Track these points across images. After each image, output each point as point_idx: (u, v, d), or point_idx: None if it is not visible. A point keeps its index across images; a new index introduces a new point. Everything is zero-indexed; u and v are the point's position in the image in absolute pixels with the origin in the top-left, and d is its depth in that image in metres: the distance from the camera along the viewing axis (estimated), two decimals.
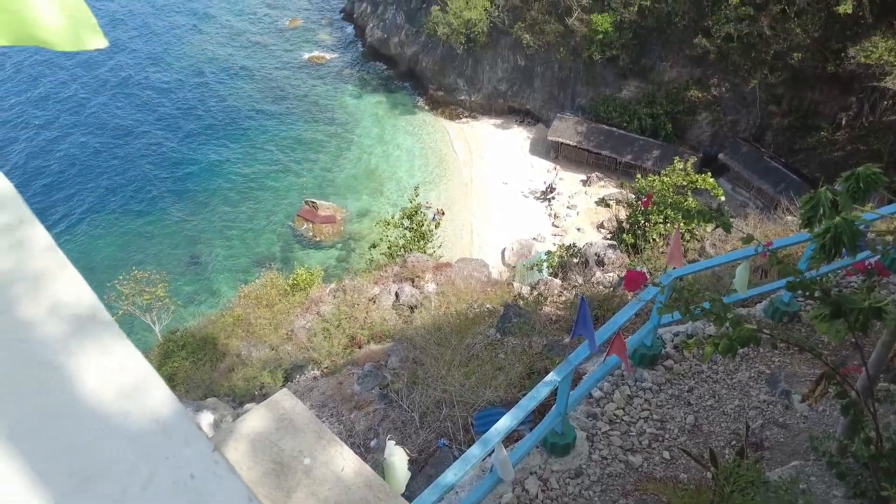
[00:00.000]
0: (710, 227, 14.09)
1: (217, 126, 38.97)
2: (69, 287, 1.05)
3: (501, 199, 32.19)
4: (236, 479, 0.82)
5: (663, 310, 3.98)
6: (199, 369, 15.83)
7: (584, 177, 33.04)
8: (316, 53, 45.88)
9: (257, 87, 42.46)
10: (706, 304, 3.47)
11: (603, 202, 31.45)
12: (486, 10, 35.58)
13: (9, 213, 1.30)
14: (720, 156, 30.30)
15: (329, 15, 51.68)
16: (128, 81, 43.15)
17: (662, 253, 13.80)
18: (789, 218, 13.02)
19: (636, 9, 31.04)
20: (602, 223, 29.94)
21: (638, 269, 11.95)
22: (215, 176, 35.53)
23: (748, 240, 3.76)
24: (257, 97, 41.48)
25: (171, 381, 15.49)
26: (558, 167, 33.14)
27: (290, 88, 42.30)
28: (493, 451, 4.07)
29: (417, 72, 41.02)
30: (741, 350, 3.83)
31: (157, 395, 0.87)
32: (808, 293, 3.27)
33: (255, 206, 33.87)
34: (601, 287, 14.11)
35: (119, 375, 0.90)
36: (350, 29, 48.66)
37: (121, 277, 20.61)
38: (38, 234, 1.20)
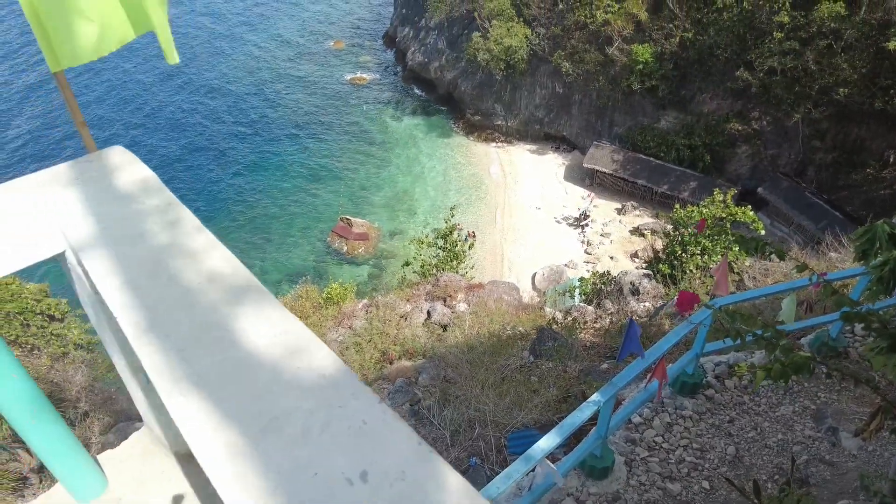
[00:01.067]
0: (748, 261, 13.85)
1: (257, 140, 40.15)
2: (224, 261, 1.19)
3: (534, 224, 32.19)
4: (404, 425, 0.92)
5: (710, 335, 3.97)
6: None
7: (619, 205, 32.84)
8: (357, 75, 47.07)
9: (299, 105, 43.69)
10: (758, 331, 3.46)
11: (637, 232, 31.16)
12: (526, 37, 36.09)
13: (159, 197, 1.48)
14: (759, 190, 29.80)
15: (371, 39, 53.11)
16: (175, 86, 44.94)
17: (702, 283, 13.61)
18: (833, 255, 12.72)
19: (677, 41, 31.10)
20: (636, 253, 29.62)
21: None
22: (253, 189, 36.49)
23: (802, 268, 3.75)
24: (298, 115, 42.66)
25: None
26: (593, 194, 33.03)
27: (331, 108, 43.41)
28: (534, 467, 4.10)
29: (456, 96, 41.66)
30: (785, 384, 3.79)
31: (321, 355, 0.99)
32: (864, 325, 3.24)
33: (292, 220, 34.61)
34: (636, 316, 13.96)
35: (283, 337, 1.02)
36: (391, 53, 49.85)
37: None
38: (187, 217, 1.37)
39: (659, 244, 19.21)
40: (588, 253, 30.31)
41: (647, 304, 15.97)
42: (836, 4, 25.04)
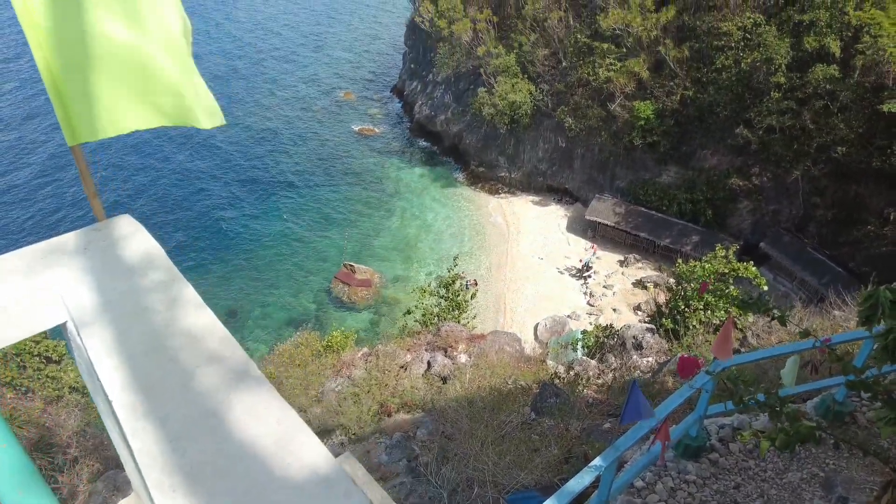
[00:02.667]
0: (751, 317, 13.75)
1: (266, 186, 40.76)
2: (222, 343, 1.19)
3: (537, 274, 32.20)
4: None
5: (713, 399, 3.92)
6: None
7: (621, 257, 32.92)
8: (366, 126, 48.22)
9: (308, 153, 44.59)
10: (760, 397, 3.41)
11: (640, 284, 31.11)
12: (530, 93, 37.10)
13: (163, 271, 1.50)
14: (761, 244, 29.91)
15: (380, 91, 54.68)
16: (184, 134, 45.96)
17: (705, 341, 13.46)
18: (838, 313, 12.63)
19: (678, 98, 31.91)
20: (639, 305, 29.48)
21: (680, 354, 11.68)
22: (259, 234, 36.81)
23: (805, 335, 3.73)
24: (307, 162, 43.48)
25: None
26: (595, 246, 33.17)
27: (339, 156, 44.27)
28: None
29: (461, 148, 42.52)
30: (791, 453, 3.71)
31: (314, 451, 0.98)
32: (870, 395, 3.19)
33: (296, 265, 34.73)
34: (639, 372, 13.76)
35: (276, 427, 1.02)
36: (399, 105, 51.23)
37: None
38: (189, 293, 1.38)
39: (662, 298, 19.14)
40: (591, 304, 30.18)
41: (650, 359, 15.78)
42: (829, 67, 25.80)
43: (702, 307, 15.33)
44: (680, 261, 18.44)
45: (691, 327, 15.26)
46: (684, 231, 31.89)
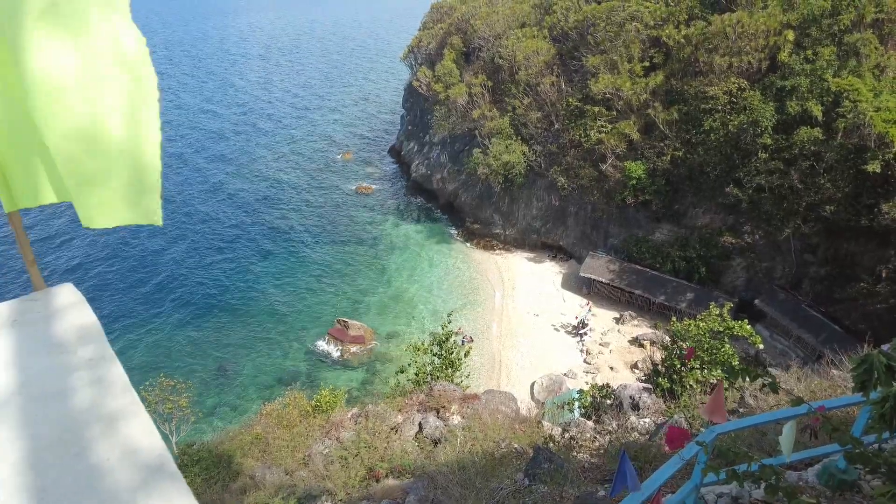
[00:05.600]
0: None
1: (261, 241, 40.89)
2: (141, 432, 1.11)
3: (532, 331, 31.89)
4: None
5: (707, 470, 3.76)
6: (210, 488, 15.15)
7: (617, 314, 32.75)
8: (364, 184, 49.02)
9: (306, 211, 45.06)
10: (754, 467, 3.27)
11: (636, 342, 30.80)
12: (524, 153, 37.96)
13: (93, 348, 1.41)
14: (756, 302, 29.85)
15: (378, 151, 55.98)
16: (180, 190, 46.45)
17: (703, 402, 13.16)
18: (836, 373, 12.43)
19: (669, 158, 32.65)
20: (636, 363, 29.08)
21: (676, 417, 11.39)
22: (253, 290, 36.60)
23: (797, 402, 3.61)
24: (305, 220, 43.87)
25: None
26: (591, 303, 33.04)
27: (337, 214, 44.73)
28: None
29: (456, 206, 43.08)
30: None
31: None
32: (869, 469, 3.06)
33: (289, 321, 34.35)
34: (636, 433, 13.36)
35: None
36: (396, 165, 52.33)
37: (147, 383, 20.61)
38: (117, 373, 1.30)
39: (658, 356, 18.89)
40: (587, 363, 29.75)
41: (647, 420, 15.36)
42: (813, 130, 26.57)
43: (698, 366, 15.09)
44: (674, 319, 18.32)
45: (688, 387, 14.97)
46: (679, 288, 31.89)
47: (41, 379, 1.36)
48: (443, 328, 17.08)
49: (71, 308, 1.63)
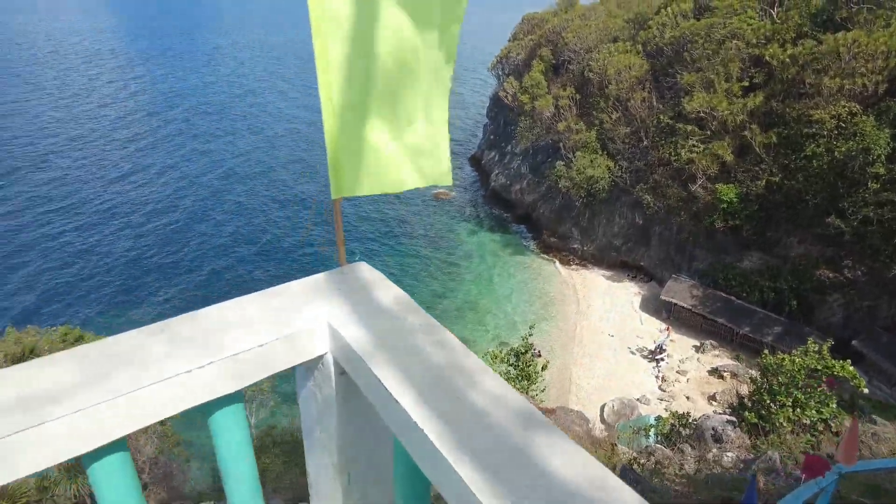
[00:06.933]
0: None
1: (348, 243, 42.33)
2: (499, 386, 1.30)
3: (606, 352, 31.22)
4: None
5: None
6: (289, 471, 15.96)
7: (697, 342, 31.47)
8: (442, 191, 49.77)
9: (384, 215, 46.34)
10: None
11: (716, 372, 29.46)
12: (609, 169, 37.32)
13: (420, 315, 1.67)
14: (854, 342, 27.79)
15: (459, 159, 56.65)
16: (266, 186, 49.03)
17: (795, 438, 12.53)
18: None
19: (763, 183, 31.12)
20: (714, 395, 27.81)
21: (770, 453, 10.93)
22: None
23: None
24: (381, 222, 45.11)
25: (261, 476, 15.65)
26: (670, 328, 31.95)
27: (414, 219, 45.72)
28: None
29: (534, 217, 42.91)
30: None
31: (625, 493, 1.04)
32: None
33: None
34: (718, 467, 12.89)
35: (583, 470, 1.07)
36: (475, 173, 52.78)
37: None
38: (452, 338, 1.54)
39: (745, 389, 18.06)
40: (662, 389, 28.76)
41: (730, 454, 14.76)
42: None
43: (790, 404, 14.33)
44: (766, 352, 17.47)
45: (778, 425, 14.24)
46: (766, 321, 30.24)
47: (393, 338, 1.56)
48: (523, 339, 17.15)
49: (379, 282, 1.87)
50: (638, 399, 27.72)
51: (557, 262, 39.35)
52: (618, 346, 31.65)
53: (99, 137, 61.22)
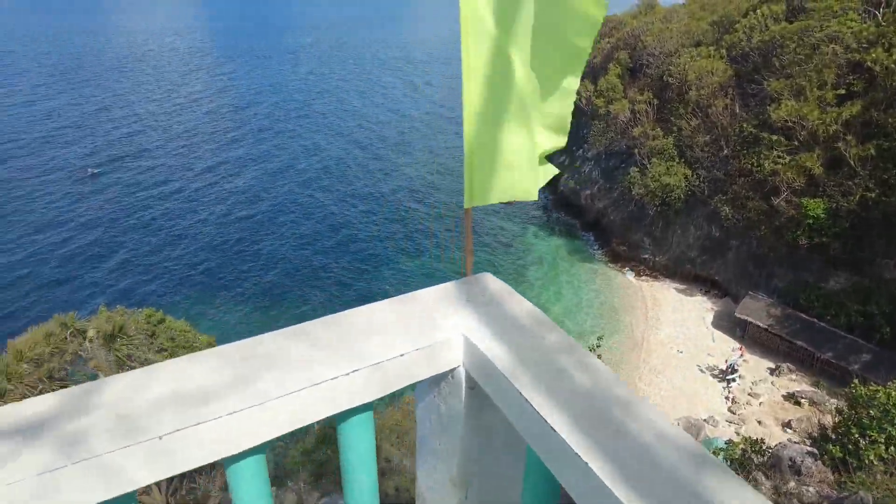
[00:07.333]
0: None
1: (396, 248, 42.59)
2: (660, 417, 1.27)
3: (673, 368, 30.06)
4: None
5: None
6: None
7: (772, 365, 29.76)
8: None
9: (448, 219, 46.52)
10: None
11: (792, 398, 27.74)
12: (686, 177, 35.92)
13: (557, 334, 1.61)
14: None
15: None
16: (342, 182, 50.31)
17: (888, 478, 11.59)
18: None
19: (857, 199, 29.01)
20: (790, 422, 26.19)
21: (861, 494, 10.15)
22: (388, 297, 38.10)
23: None
24: (451, 223, 45.32)
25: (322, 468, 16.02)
26: (743, 348, 30.38)
27: (478, 221, 45.64)
28: None
29: (603, 224, 41.87)
30: None
31: None
32: None
33: None
34: (796, 501, 12.10)
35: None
36: None
37: None
38: (597, 362, 1.47)
39: (828, 419, 16.90)
40: (732, 411, 27.38)
41: (811, 488, 13.83)
42: None
43: (882, 440, 13.25)
44: (856, 381, 16.26)
45: (868, 462, 13.21)
46: (853, 347, 28.16)
47: (534, 356, 1.51)
48: (591, 349, 16.75)
49: (508, 294, 1.85)
50: (705, 420, 26.52)
51: (626, 272, 38.24)
52: (686, 362, 30.40)
53: (189, 130, 65.01)
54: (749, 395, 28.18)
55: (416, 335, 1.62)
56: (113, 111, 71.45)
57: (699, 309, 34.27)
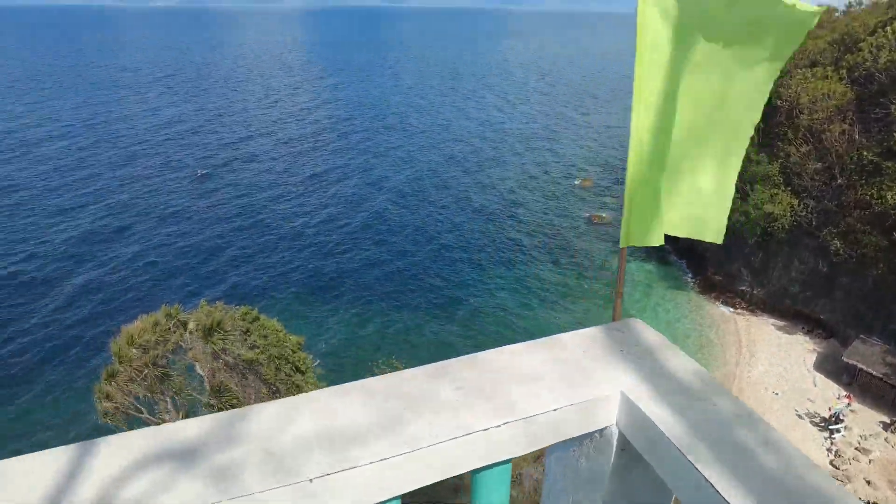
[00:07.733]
0: None
1: (486, 260, 42.59)
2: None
3: (769, 412, 27.84)
4: None
5: None
6: None
7: (886, 419, 26.83)
8: (598, 213, 48.27)
9: (536, 233, 46.07)
10: None
11: None
12: (792, 207, 33.46)
13: (727, 399, 1.46)
14: None
15: (618, 180, 54.53)
16: (415, 207, 51.18)
17: None
18: None
19: None
20: None
21: None
22: (477, 308, 37.64)
23: None
24: (532, 241, 44.87)
25: None
26: (851, 396, 27.63)
27: (565, 241, 44.87)
28: None
29: (698, 251, 39.80)
30: None
31: None
32: None
33: (506, 334, 35.31)
34: None
35: None
36: None
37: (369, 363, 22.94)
38: (779, 437, 1.39)
39: None
40: (835, 466, 24.93)
41: None
42: None
43: None
44: None
45: None
46: None
47: (706, 426, 1.38)
48: None
49: (663, 346, 1.72)
50: None
51: (721, 304, 36.05)
52: (783, 406, 28.09)
53: (294, 139, 69.17)
54: (856, 449, 25.54)
55: (570, 389, 1.53)
56: (225, 118, 77.43)
57: (799, 349, 31.61)
